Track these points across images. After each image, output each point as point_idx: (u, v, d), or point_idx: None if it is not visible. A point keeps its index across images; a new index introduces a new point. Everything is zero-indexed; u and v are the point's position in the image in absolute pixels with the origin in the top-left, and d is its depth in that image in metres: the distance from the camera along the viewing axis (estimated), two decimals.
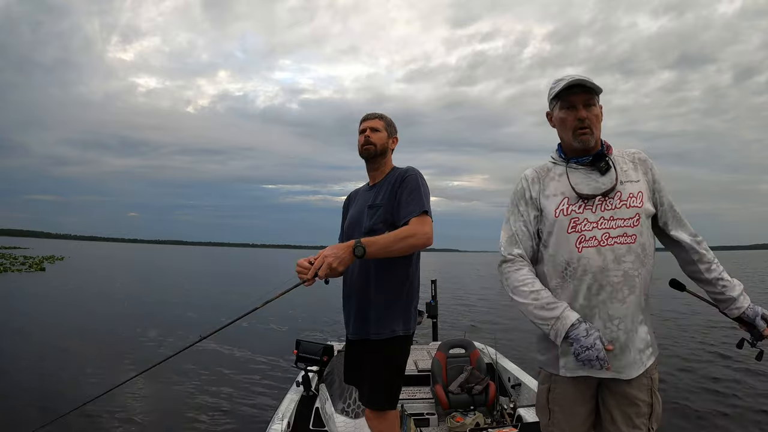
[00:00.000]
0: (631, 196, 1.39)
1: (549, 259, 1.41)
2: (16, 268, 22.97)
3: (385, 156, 1.97)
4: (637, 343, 1.36)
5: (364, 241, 1.66)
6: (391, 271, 1.84)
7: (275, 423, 2.67)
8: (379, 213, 1.86)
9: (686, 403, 4.66)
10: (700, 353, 6.95)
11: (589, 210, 1.38)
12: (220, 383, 5.35)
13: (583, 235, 1.37)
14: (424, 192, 1.81)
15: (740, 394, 4.94)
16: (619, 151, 1.48)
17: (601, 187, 1.39)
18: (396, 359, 1.85)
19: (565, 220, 1.39)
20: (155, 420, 4.17)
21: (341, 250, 1.62)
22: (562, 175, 1.44)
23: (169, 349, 6.80)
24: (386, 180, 1.93)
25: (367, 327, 1.85)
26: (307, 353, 3.25)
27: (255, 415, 4.31)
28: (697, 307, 11.57)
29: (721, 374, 5.73)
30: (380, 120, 1.98)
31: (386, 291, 1.84)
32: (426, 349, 4.44)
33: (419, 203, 1.77)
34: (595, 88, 1.38)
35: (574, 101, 1.39)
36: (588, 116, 1.39)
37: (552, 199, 1.42)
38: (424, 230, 1.73)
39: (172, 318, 10.12)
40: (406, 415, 2.96)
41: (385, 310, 1.82)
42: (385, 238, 1.70)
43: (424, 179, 1.88)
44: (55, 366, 5.91)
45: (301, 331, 8.41)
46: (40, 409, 4.27)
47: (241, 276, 25.80)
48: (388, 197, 1.85)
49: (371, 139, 1.93)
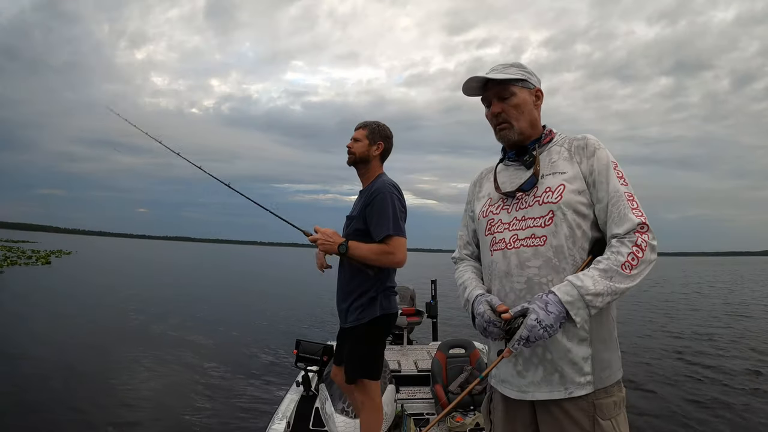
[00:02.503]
0: (547, 191, 1.22)
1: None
2: (23, 261, 23.21)
3: (367, 163, 2.20)
4: (556, 360, 1.17)
5: (350, 244, 2.02)
6: (360, 270, 2.08)
7: (275, 423, 2.68)
8: (351, 225, 2.14)
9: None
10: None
11: (506, 210, 1.28)
12: (220, 383, 5.37)
13: (494, 238, 1.29)
14: (393, 212, 2.03)
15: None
16: (563, 138, 1.30)
17: (520, 183, 1.27)
18: (368, 340, 2.10)
19: (484, 222, 1.33)
20: (155, 420, 4.18)
21: (331, 241, 2.03)
22: (491, 173, 1.40)
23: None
24: (368, 189, 2.15)
25: (345, 316, 2.16)
26: (307, 353, 3.26)
27: (255, 415, 4.32)
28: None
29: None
30: (363, 129, 2.20)
31: (357, 285, 2.10)
32: (426, 349, 4.43)
33: (395, 226, 2.01)
34: (498, 78, 1.26)
35: (488, 97, 1.32)
36: (504, 109, 1.29)
37: (480, 201, 1.39)
38: (398, 256, 2.02)
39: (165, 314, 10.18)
40: (406, 415, 2.96)
41: (355, 301, 2.10)
42: (367, 249, 2.01)
43: (396, 197, 2.08)
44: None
45: (301, 331, 8.42)
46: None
47: (244, 273, 26.02)
48: (359, 211, 2.10)
49: (351, 149, 2.20)
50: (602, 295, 1.10)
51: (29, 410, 4.21)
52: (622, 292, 1.12)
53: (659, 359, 6.80)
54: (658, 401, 4.91)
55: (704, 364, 6.55)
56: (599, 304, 1.10)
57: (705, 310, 12.79)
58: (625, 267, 1.10)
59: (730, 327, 9.87)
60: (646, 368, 6.24)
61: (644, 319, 10.73)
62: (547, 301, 1.11)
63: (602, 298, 1.10)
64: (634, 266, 1.11)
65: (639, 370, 6.09)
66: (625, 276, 1.10)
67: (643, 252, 1.11)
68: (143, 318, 9.43)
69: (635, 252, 1.11)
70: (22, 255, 27.52)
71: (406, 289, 5.26)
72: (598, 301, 1.10)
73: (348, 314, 2.13)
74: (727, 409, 4.64)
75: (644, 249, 1.11)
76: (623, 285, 1.11)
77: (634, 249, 1.11)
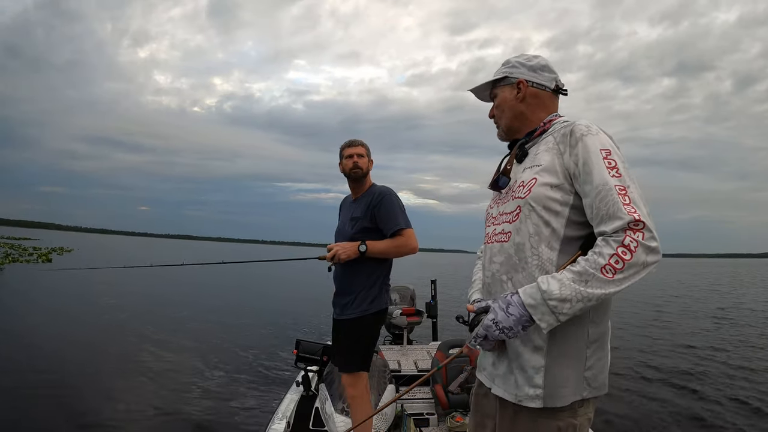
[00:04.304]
0: (520, 186, 1.18)
1: None
2: (24, 258, 23.27)
3: (366, 176, 2.43)
4: (511, 362, 1.15)
5: (368, 243, 2.24)
6: (355, 270, 2.30)
7: (275, 423, 2.68)
8: (357, 224, 2.33)
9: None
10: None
11: (497, 205, 1.30)
12: (220, 383, 5.37)
13: (486, 231, 1.34)
14: (400, 208, 2.32)
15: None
16: (561, 126, 1.19)
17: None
18: (369, 331, 2.31)
19: (485, 216, 1.39)
20: (154, 420, 4.19)
21: (350, 248, 2.23)
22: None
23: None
24: (365, 196, 2.38)
25: (344, 308, 2.34)
26: (307, 353, 3.26)
27: (255, 415, 4.31)
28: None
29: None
30: (362, 147, 2.42)
31: (363, 279, 2.30)
32: (426, 349, 4.43)
33: (404, 220, 2.29)
34: (486, 86, 1.34)
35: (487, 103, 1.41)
36: (493, 111, 1.36)
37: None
38: (411, 243, 2.30)
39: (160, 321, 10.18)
40: (406, 415, 2.96)
41: (360, 293, 2.30)
42: (384, 244, 2.26)
43: (398, 197, 2.35)
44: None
45: (301, 331, 8.42)
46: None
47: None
48: (363, 212, 2.32)
49: (359, 164, 2.38)
50: (569, 301, 0.98)
51: (28, 407, 4.23)
52: (600, 298, 0.99)
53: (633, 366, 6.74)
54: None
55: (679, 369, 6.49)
56: (567, 311, 0.99)
57: (690, 315, 12.61)
58: (606, 270, 0.97)
59: (715, 331, 9.81)
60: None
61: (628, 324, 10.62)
62: (509, 302, 1.05)
63: (570, 305, 0.99)
64: (617, 270, 0.96)
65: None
66: (605, 281, 0.97)
67: (632, 254, 0.96)
68: (142, 316, 9.43)
69: (620, 254, 0.96)
70: (24, 252, 27.58)
71: (406, 289, 5.26)
72: (564, 307, 0.99)
73: (353, 305, 2.30)
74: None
75: (633, 250, 0.96)
76: (600, 291, 0.97)
77: (619, 250, 0.96)
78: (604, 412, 4.40)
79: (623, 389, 5.38)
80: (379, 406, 2.68)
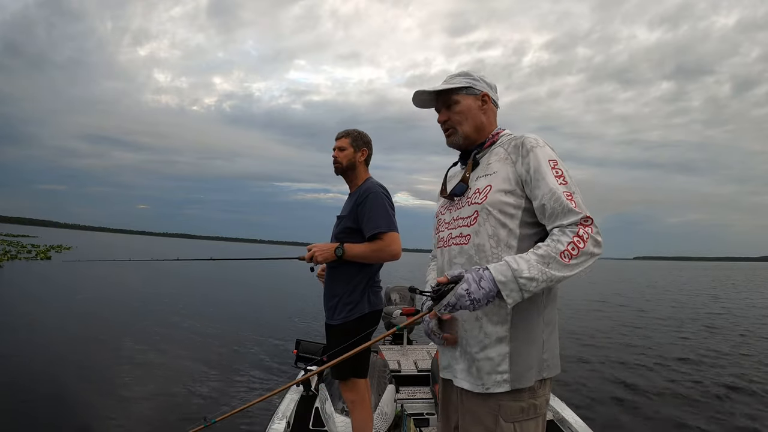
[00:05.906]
0: (476, 193, 1.29)
1: None
2: (23, 256, 23.26)
3: (354, 169, 2.29)
4: (474, 354, 1.24)
5: (345, 246, 2.09)
6: (334, 275, 2.21)
7: (275, 423, 2.68)
8: (341, 224, 2.22)
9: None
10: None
11: (449, 211, 1.38)
12: (219, 382, 5.37)
13: (438, 236, 1.42)
14: (384, 209, 2.12)
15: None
16: (509, 139, 1.33)
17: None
18: (344, 340, 2.11)
19: (435, 222, 1.46)
20: (153, 418, 4.19)
21: (327, 249, 2.10)
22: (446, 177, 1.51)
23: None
24: (356, 192, 2.23)
25: (332, 313, 2.22)
26: (307, 353, 3.25)
27: (255, 415, 4.31)
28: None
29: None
30: (346, 138, 2.28)
31: (345, 282, 2.18)
32: (426, 349, 4.43)
33: (386, 222, 2.10)
34: (442, 89, 1.36)
35: (437, 108, 1.43)
36: (449, 116, 1.38)
37: (438, 202, 1.50)
38: (392, 249, 2.11)
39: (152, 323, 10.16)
40: (406, 415, 2.96)
41: (344, 297, 2.18)
42: (362, 248, 2.10)
43: (385, 196, 2.17)
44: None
45: (300, 331, 8.42)
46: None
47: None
48: (349, 211, 2.18)
49: (337, 158, 2.27)
50: (536, 280, 1.09)
51: (25, 403, 4.23)
52: (558, 280, 1.11)
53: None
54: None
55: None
56: (533, 288, 1.10)
57: (675, 318, 12.60)
58: (564, 255, 1.10)
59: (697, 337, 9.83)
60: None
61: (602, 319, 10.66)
62: (481, 275, 1.11)
63: (536, 283, 1.10)
64: (573, 256, 1.10)
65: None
66: (563, 264, 1.10)
67: (585, 243, 1.11)
68: (141, 314, 9.43)
69: (576, 242, 1.11)
70: (22, 249, 27.56)
71: (406, 289, 5.26)
72: (531, 285, 1.09)
73: (336, 311, 2.19)
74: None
75: (586, 240, 1.11)
76: (559, 273, 1.10)
77: (575, 239, 1.11)
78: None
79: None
80: (379, 406, 2.68)
